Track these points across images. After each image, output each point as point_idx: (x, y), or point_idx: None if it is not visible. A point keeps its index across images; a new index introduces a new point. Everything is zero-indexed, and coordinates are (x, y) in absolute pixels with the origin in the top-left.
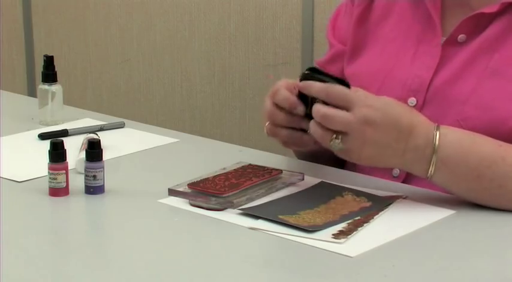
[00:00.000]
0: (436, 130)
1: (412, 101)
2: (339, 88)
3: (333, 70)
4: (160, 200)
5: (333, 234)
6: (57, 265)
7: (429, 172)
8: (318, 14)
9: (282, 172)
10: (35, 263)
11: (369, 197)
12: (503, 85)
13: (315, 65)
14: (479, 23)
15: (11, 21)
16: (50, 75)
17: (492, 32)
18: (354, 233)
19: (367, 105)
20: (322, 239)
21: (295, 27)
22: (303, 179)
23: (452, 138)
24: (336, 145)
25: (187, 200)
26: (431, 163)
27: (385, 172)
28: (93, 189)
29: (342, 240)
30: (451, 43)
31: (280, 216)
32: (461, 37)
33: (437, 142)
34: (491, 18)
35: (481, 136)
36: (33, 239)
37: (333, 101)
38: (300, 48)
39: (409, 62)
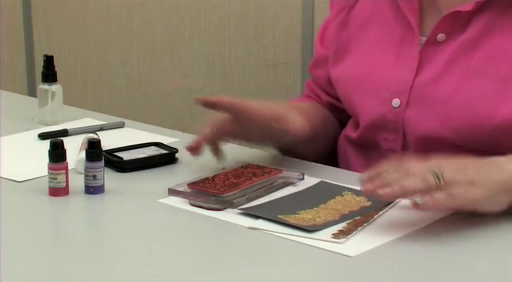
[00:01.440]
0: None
1: (396, 101)
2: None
3: (319, 73)
4: (160, 200)
5: (332, 234)
6: (57, 265)
7: None
8: (318, 14)
9: (282, 172)
10: (35, 263)
11: (369, 196)
12: (485, 84)
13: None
14: (456, 21)
15: (11, 21)
16: (50, 75)
17: (472, 32)
18: (354, 232)
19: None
20: (322, 239)
21: (295, 27)
22: (303, 179)
23: None
24: (437, 172)
25: (187, 200)
26: None
27: None
28: (93, 189)
29: (342, 240)
30: (431, 43)
31: (280, 216)
32: (440, 36)
33: None
34: (469, 16)
35: None
36: (33, 239)
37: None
38: (300, 48)
39: (392, 64)
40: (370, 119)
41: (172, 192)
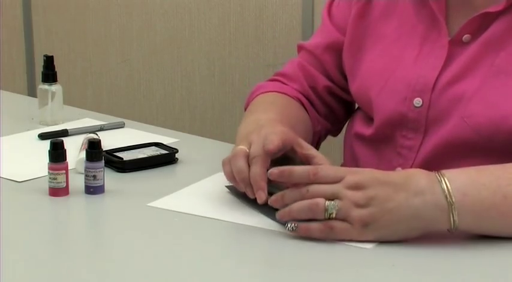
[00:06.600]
0: (435, 171)
1: (418, 101)
2: (325, 167)
3: (327, 58)
4: (160, 200)
5: None
6: (57, 265)
7: (452, 211)
8: (318, 14)
9: None
10: (35, 263)
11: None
12: (508, 82)
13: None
14: (483, 22)
15: (11, 21)
16: (50, 75)
17: (496, 30)
18: None
19: (355, 173)
20: None
21: (295, 27)
22: None
23: (455, 170)
24: (331, 207)
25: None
26: (449, 195)
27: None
28: (93, 189)
29: None
30: (456, 43)
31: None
32: (466, 37)
33: (443, 176)
34: (495, 16)
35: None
36: (33, 239)
37: (323, 180)
38: None
39: (412, 63)
40: (387, 116)
41: None
